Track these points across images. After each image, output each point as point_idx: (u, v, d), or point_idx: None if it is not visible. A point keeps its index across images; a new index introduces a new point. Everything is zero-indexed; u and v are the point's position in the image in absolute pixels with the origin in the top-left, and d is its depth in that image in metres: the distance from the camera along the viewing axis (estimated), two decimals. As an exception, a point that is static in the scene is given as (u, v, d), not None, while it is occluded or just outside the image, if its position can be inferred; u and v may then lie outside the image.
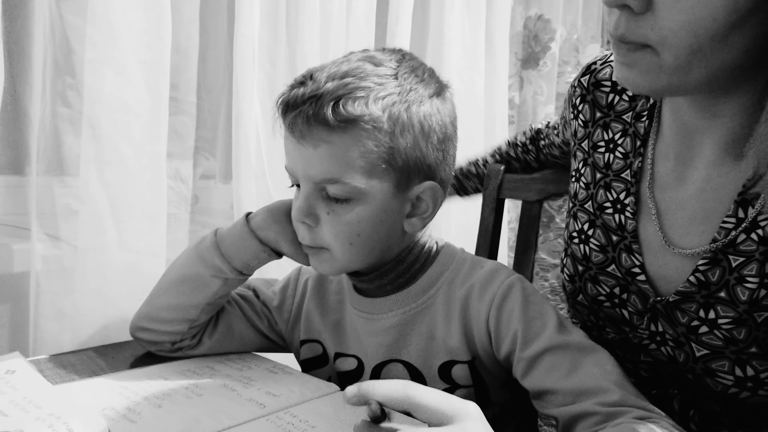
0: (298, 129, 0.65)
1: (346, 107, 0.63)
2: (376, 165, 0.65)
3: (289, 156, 0.69)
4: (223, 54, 1.18)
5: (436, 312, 0.72)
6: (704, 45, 0.52)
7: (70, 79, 0.92)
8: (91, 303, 0.94)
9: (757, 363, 0.63)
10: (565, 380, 0.62)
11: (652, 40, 0.54)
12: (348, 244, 0.68)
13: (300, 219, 0.69)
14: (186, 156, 1.11)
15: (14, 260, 0.92)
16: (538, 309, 0.68)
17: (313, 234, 0.69)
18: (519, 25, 1.74)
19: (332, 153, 0.64)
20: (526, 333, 0.66)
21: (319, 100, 0.63)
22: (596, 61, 0.79)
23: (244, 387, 0.73)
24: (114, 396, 0.69)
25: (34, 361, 0.79)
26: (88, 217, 0.93)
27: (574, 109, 0.80)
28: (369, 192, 0.66)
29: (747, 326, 0.62)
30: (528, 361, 0.65)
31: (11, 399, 0.65)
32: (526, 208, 1.05)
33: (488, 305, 0.69)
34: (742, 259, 0.62)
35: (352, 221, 0.67)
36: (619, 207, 0.72)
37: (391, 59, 0.68)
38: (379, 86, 0.65)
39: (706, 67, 0.54)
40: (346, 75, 0.64)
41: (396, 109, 0.65)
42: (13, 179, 0.94)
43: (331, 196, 0.66)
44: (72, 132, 0.93)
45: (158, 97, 0.99)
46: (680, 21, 0.52)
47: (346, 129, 0.63)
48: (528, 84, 1.74)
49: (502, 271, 0.71)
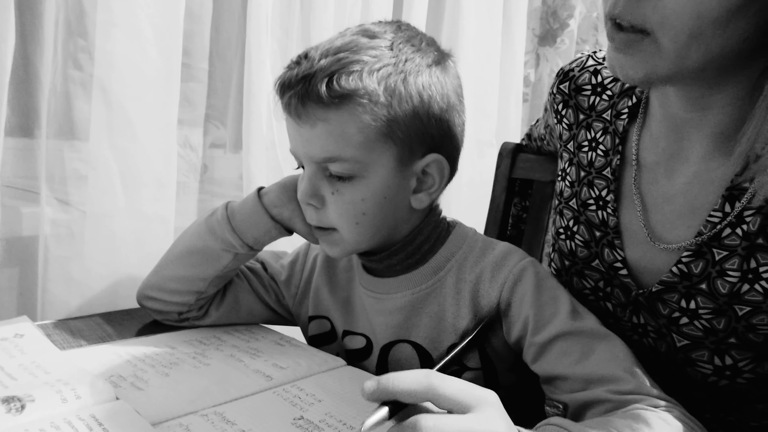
0: (294, 109, 0.64)
1: (339, 82, 0.62)
2: (375, 139, 0.64)
3: (290, 138, 0.69)
4: (236, 21, 1.16)
5: (446, 293, 0.71)
6: (705, 29, 0.51)
7: (82, 41, 0.90)
8: (99, 268, 0.94)
9: (736, 353, 0.64)
10: (576, 366, 0.61)
11: (652, 21, 0.53)
12: (354, 224, 0.67)
13: (306, 201, 0.68)
14: (197, 124, 1.10)
15: (23, 224, 0.92)
16: (551, 294, 0.67)
17: (320, 215, 0.69)
18: (538, 1, 1.70)
19: (330, 130, 0.63)
20: (538, 318, 0.65)
21: (313, 78, 0.62)
22: (573, 68, 0.79)
23: (252, 358, 0.73)
24: (122, 363, 0.69)
25: (41, 325, 0.79)
26: (98, 183, 0.93)
27: (557, 114, 0.80)
28: (371, 168, 0.65)
29: (726, 317, 0.63)
30: (539, 347, 0.64)
31: (20, 363, 0.65)
32: (539, 188, 1.04)
33: (500, 288, 0.68)
34: (725, 253, 0.62)
35: (356, 199, 0.66)
36: (601, 203, 0.72)
37: (386, 31, 0.67)
38: (373, 59, 0.63)
39: (704, 53, 0.53)
40: (340, 50, 0.63)
41: (392, 81, 0.63)
42: (23, 142, 0.93)
43: (334, 175, 0.66)
44: (83, 96, 0.92)
45: (170, 62, 0.97)
46: (683, 2, 0.51)
47: (341, 105, 0.62)
48: (545, 61, 1.71)
49: (515, 254, 0.70)
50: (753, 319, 0.61)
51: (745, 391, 0.66)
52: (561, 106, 0.79)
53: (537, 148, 0.99)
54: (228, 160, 1.23)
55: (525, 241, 1.05)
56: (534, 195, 1.05)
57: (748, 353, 0.63)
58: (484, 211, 1.08)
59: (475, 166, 1.48)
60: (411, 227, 0.72)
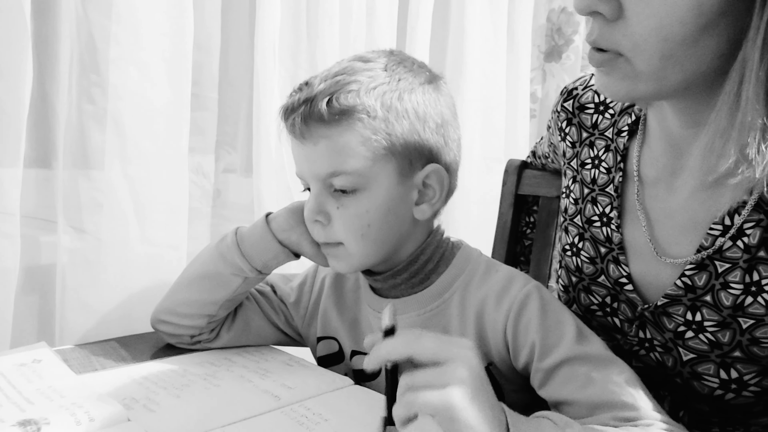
0: (298, 130, 0.68)
1: (339, 100, 0.66)
2: (376, 152, 0.67)
3: (296, 160, 0.72)
4: (244, 50, 1.19)
5: (450, 316, 0.72)
6: (675, 50, 0.52)
7: (95, 77, 0.94)
8: (114, 294, 0.96)
9: (741, 366, 0.64)
10: (580, 392, 0.61)
11: (625, 47, 0.54)
12: (360, 236, 0.69)
13: (312, 218, 0.71)
14: (208, 151, 1.13)
15: (41, 252, 0.95)
16: (556, 318, 0.67)
17: (327, 231, 0.71)
18: (542, 18, 1.72)
19: (332, 146, 0.67)
20: (543, 344, 0.65)
21: (314, 100, 0.66)
22: (577, 86, 0.81)
23: (261, 378, 0.74)
24: (134, 386, 0.71)
25: (59, 350, 0.81)
26: (112, 211, 0.96)
27: (561, 132, 0.81)
28: (373, 180, 0.68)
29: (731, 329, 0.63)
30: (545, 372, 0.64)
31: (37, 387, 0.68)
32: (545, 204, 1.04)
33: (505, 316, 0.68)
34: (728, 266, 0.62)
35: (360, 212, 0.68)
36: (605, 220, 0.73)
37: (380, 56, 0.71)
38: (369, 79, 0.67)
39: (681, 72, 0.54)
40: (337, 74, 0.68)
41: (388, 98, 0.67)
42: (41, 173, 0.97)
43: (338, 189, 0.68)
44: (97, 128, 0.95)
45: (180, 93, 1.01)
46: (649, 26, 0.52)
47: (341, 121, 0.66)
48: (551, 77, 1.72)
49: (519, 279, 0.71)
50: (757, 332, 0.62)
51: (751, 404, 0.66)
52: (565, 123, 0.81)
53: (542, 165, 1.00)
54: (240, 184, 1.26)
55: (533, 257, 1.05)
56: (541, 211, 1.06)
57: (753, 367, 0.63)
58: (494, 228, 1.09)
59: (483, 183, 1.49)
60: (415, 245, 0.73)
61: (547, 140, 0.92)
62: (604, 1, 0.53)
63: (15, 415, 0.60)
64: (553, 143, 0.88)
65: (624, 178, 0.73)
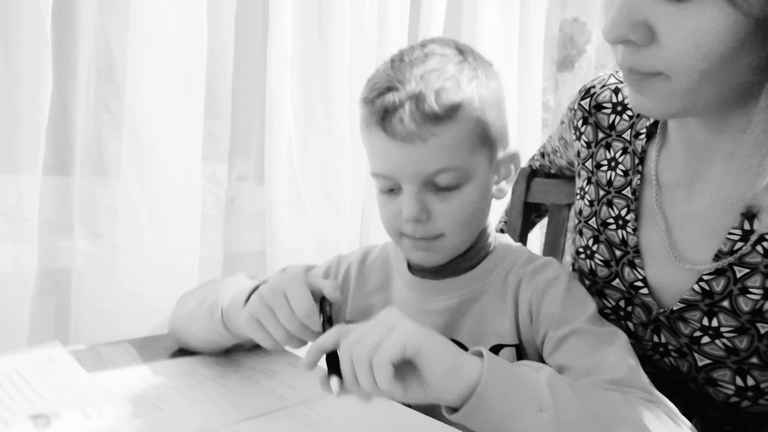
0: (404, 130, 0.66)
1: (448, 96, 0.66)
2: (476, 144, 0.69)
3: (388, 161, 0.69)
4: (257, 60, 1.22)
5: (489, 298, 0.73)
6: (714, 66, 0.53)
7: (111, 87, 0.97)
8: (128, 299, 0.98)
9: (758, 373, 0.63)
10: (581, 359, 0.63)
11: (661, 69, 0.55)
12: (465, 225, 0.71)
13: (415, 218, 0.69)
14: (221, 158, 1.15)
15: (58, 256, 0.98)
16: (580, 297, 0.69)
17: (426, 227, 0.70)
18: (555, 28, 1.73)
19: (442, 144, 0.66)
20: (562, 316, 0.67)
21: (420, 97, 0.65)
22: (594, 84, 0.80)
23: (268, 379, 0.75)
24: (144, 385, 0.73)
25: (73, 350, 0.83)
26: (127, 217, 0.98)
27: (576, 131, 0.81)
28: (475, 171, 0.69)
29: (749, 335, 0.62)
30: (556, 341, 0.66)
31: (50, 384, 0.69)
32: (555, 211, 1.04)
33: (533, 289, 0.70)
34: (747, 271, 0.62)
35: (465, 203, 0.69)
36: (621, 223, 0.73)
37: (444, 46, 0.72)
38: (459, 72, 0.68)
39: (716, 87, 0.55)
40: (428, 70, 0.67)
41: (481, 89, 0.69)
42: (59, 180, 1.00)
43: (442, 186, 0.68)
44: (113, 136, 0.98)
45: (194, 102, 1.03)
46: (686, 47, 0.52)
47: (450, 117, 0.66)
48: (564, 87, 1.72)
49: (555, 264, 0.73)
50: None
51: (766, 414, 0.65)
52: (581, 122, 0.80)
53: (549, 162, 1.00)
54: (253, 192, 1.28)
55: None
56: (550, 218, 1.06)
57: None
58: (503, 234, 1.09)
59: (495, 191, 1.49)
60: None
61: (558, 134, 0.91)
62: (635, 29, 0.54)
63: (27, 408, 0.62)
64: (565, 139, 0.87)
65: (641, 182, 0.72)
